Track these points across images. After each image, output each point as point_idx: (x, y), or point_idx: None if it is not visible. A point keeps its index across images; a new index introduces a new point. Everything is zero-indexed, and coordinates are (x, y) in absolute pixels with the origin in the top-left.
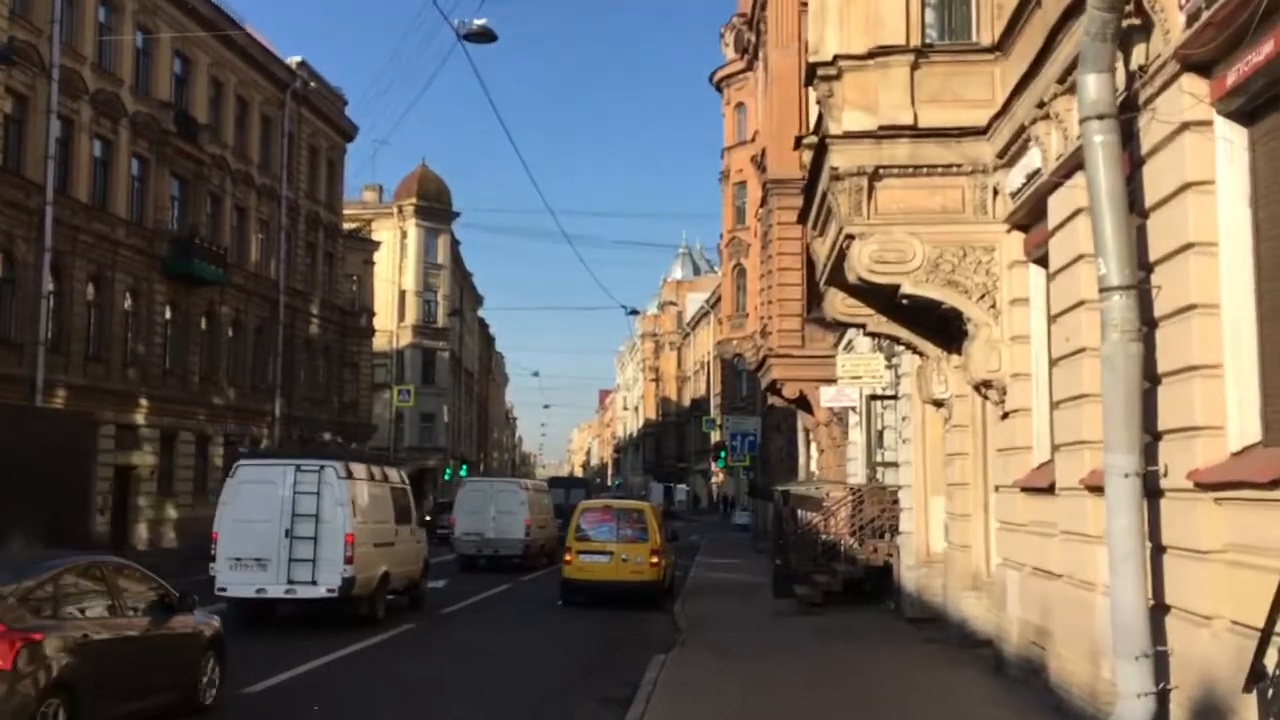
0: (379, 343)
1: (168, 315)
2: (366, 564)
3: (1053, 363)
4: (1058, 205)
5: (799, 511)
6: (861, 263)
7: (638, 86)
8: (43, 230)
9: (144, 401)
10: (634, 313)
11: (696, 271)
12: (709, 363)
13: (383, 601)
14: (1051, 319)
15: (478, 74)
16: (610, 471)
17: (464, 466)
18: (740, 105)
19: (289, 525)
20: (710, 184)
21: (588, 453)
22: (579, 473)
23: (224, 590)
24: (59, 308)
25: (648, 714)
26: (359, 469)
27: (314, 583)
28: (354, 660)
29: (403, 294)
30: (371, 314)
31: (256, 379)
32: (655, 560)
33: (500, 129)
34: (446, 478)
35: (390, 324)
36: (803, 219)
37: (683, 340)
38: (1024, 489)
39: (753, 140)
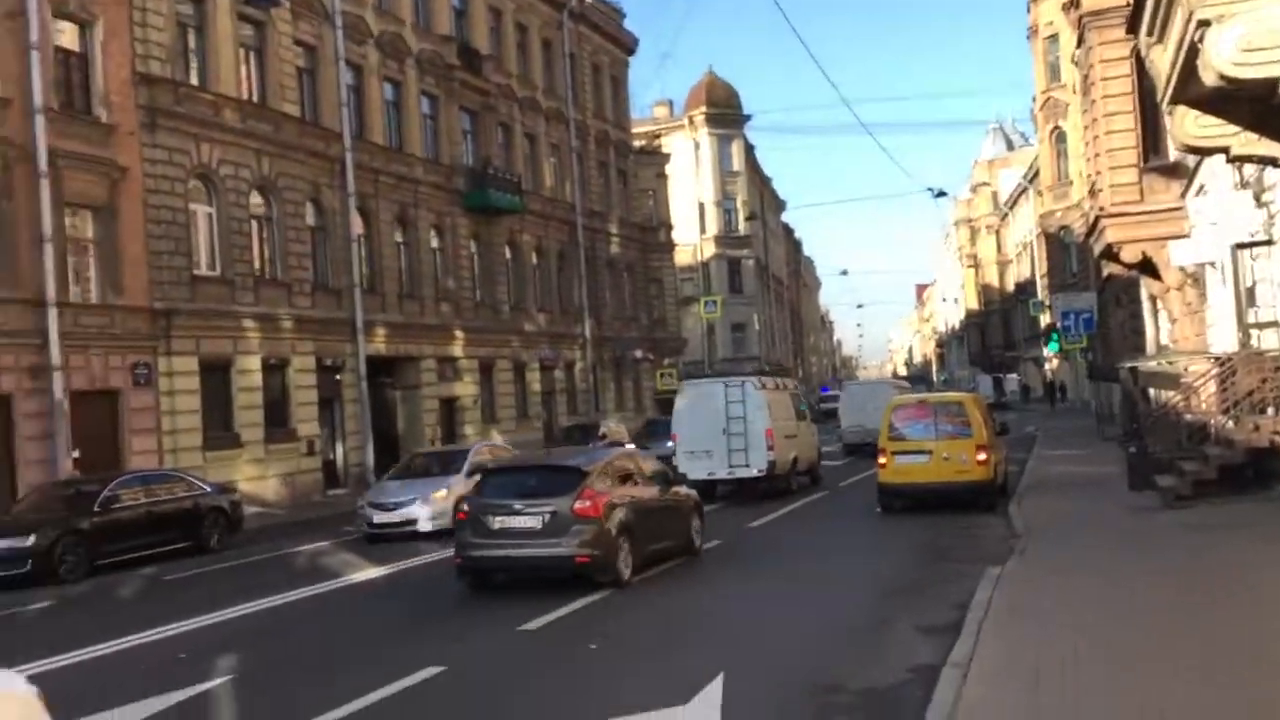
0: (682, 257)
1: (472, 249)
2: (782, 451)
3: None
4: None
5: (1150, 391)
6: (1222, 55)
7: None
8: (345, 176)
9: (459, 334)
10: (941, 194)
11: (1009, 147)
12: (1031, 242)
13: (794, 478)
14: None
15: None
16: (934, 367)
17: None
18: None
19: (725, 426)
20: (1015, 52)
21: (909, 350)
22: (901, 371)
23: (684, 475)
24: (369, 250)
25: (979, 650)
26: (769, 382)
27: (747, 466)
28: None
29: (701, 205)
30: (670, 228)
31: (564, 303)
32: (982, 457)
33: (785, 24)
34: None
35: (692, 237)
36: (1132, 29)
37: (1000, 222)
38: None
39: None
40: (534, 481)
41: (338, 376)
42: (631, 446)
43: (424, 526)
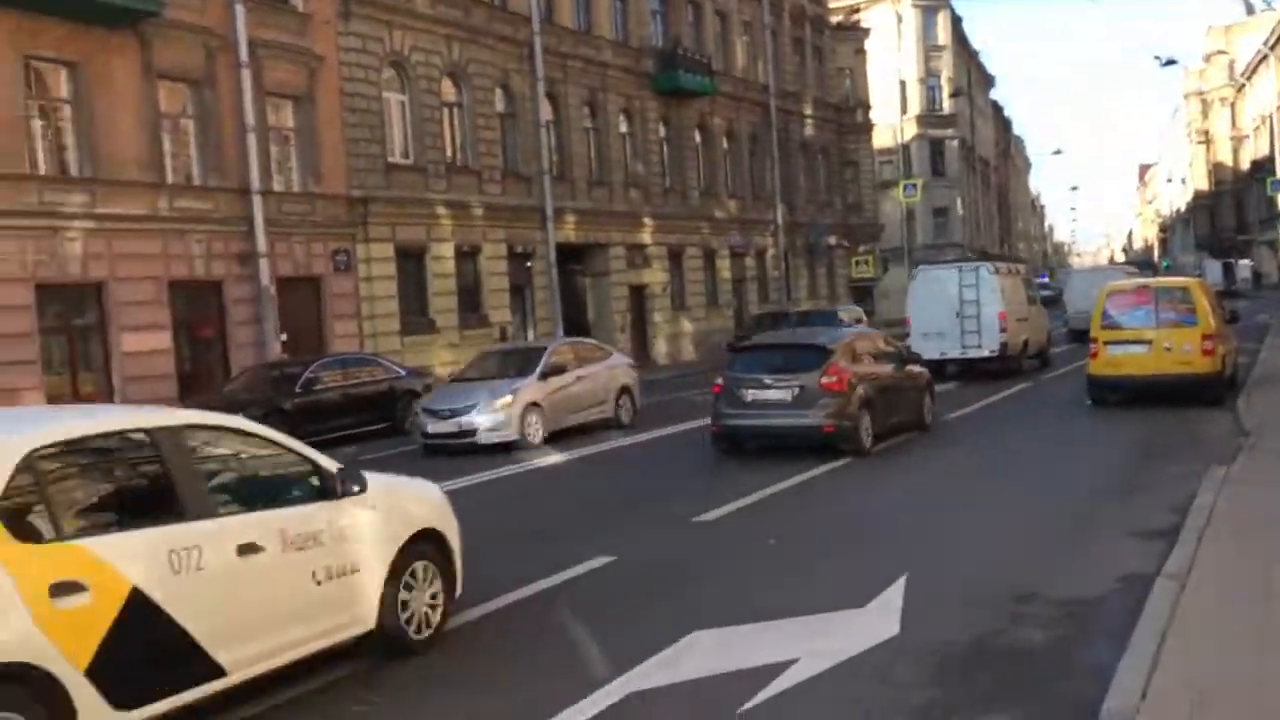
0: (881, 138)
1: (661, 133)
2: (1014, 334)
3: None
4: None
5: None
6: None
7: None
8: (534, 61)
9: (648, 221)
10: (1170, 63)
11: (1249, 10)
12: (1271, 114)
13: (1024, 360)
14: None
15: None
16: (1156, 253)
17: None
18: None
19: (958, 309)
20: None
21: (1128, 235)
22: (1119, 258)
23: (918, 355)
24: (558, 136)
25: (1199, 560)
26: (1002, 267)
27: (979, 347)
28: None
29: (902, 83)
30: (868, 108)
31: (756, 188)
32: (1209, 347)
33: None
34: None
35: (891, 117)
36: None
37: (1236, 93)
38: None
39: None
40: (782, 358)
41: (528, 264)
42: (868, 328)
43: (483, 439)
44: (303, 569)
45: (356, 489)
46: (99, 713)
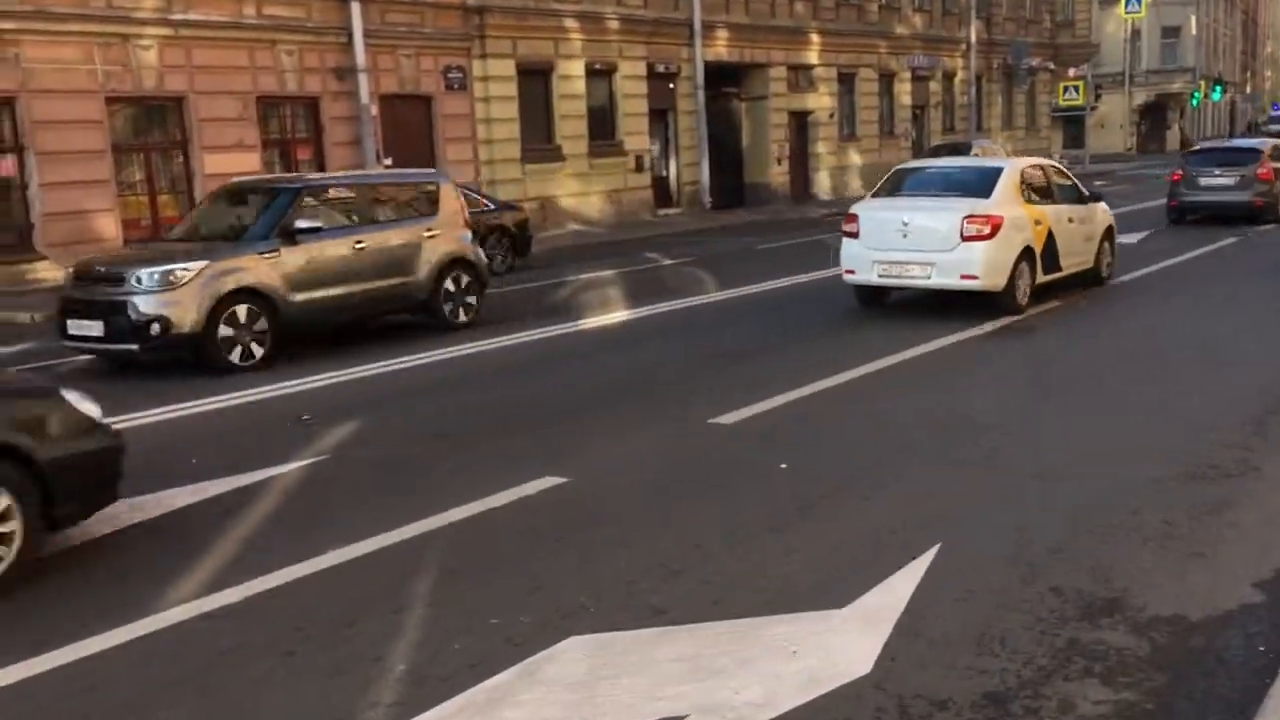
0: None
1: None
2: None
3: None
4: None
5: None
6: None
7: None
8: None
9: (815, 38)
10: None
11: None
12: None
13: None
14: None
15: None
16: None
17: (1216, 88)
18: None
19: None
20: None
21: None
22: None
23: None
24: None
25: None
26: None
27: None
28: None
29: None
30: None
31: (947, 1)
32: None
33: None
34: (1194, 103)
35: None
36: None
37: None
38: None
39: None
40: (1223, 155)
41: (671, 85)
42: (1048, 161)
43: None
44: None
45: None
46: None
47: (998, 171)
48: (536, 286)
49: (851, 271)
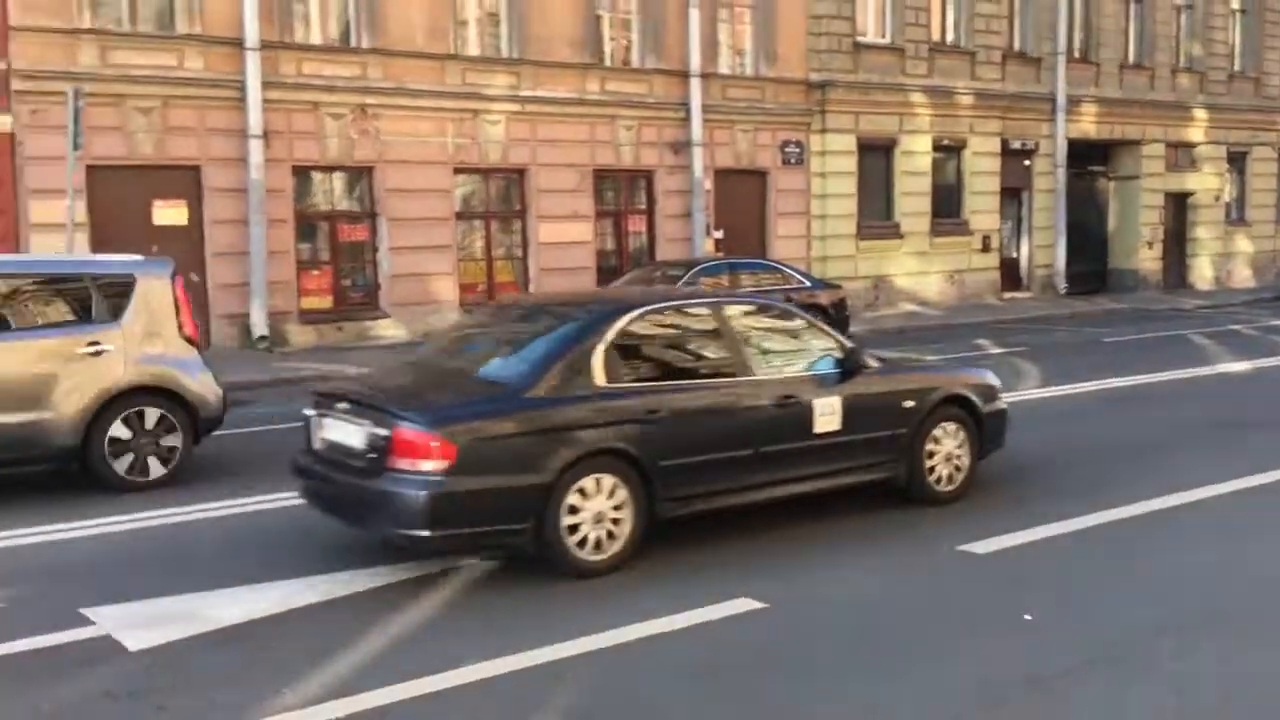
0: None
1: (1233, 3)
2: None
3: None
4: None
5: None
6: None
7: None
8: None
9: (1200, 113)
10: None
11: None
12: None
13: None
14: None
15: None
16: None
17: None
18: None
19: None
20: None
21: None
22: None
23: None
24: (1085, 9)
25: None
26: None
27: None
28: None
29: None
30: None
31: None
32: None
33: None
34: None
35: None
36: None
37: None
38: None
39: None
40: None
41: (1026, 162)
42: None
43: None
44: None
45: None
46: None
47: None
48: None
49: None
